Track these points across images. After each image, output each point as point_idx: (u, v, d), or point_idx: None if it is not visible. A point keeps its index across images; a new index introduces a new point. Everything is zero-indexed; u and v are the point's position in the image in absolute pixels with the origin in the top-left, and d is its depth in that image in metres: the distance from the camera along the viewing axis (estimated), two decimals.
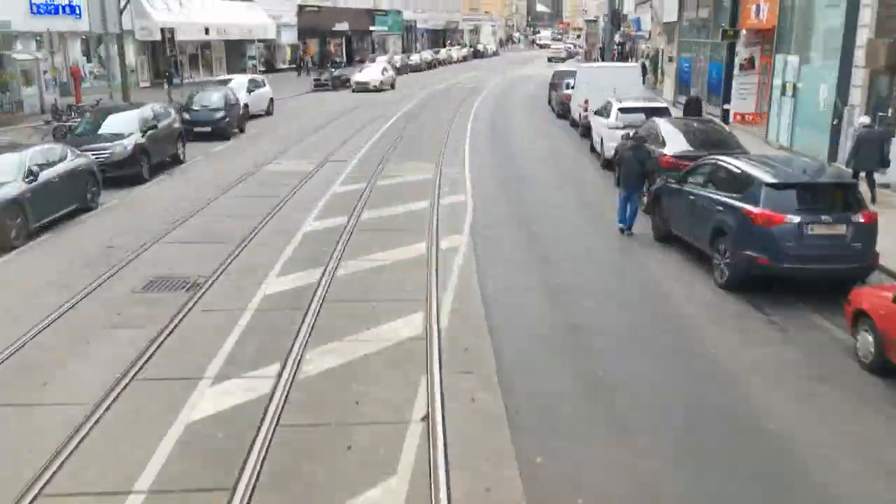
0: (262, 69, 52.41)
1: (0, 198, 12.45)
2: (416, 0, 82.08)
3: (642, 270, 11.78)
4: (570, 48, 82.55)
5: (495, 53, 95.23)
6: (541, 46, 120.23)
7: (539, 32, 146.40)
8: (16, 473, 6.21)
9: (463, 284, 10.79)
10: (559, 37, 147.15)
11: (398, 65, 57.46)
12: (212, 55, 48.37)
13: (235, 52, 51.04)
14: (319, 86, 43.46)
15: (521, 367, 8.28)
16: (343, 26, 62.71)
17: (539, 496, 6.02)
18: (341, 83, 44.80)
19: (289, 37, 57.12)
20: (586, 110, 24.96)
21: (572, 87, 28.60)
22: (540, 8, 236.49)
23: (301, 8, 57.55)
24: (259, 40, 52.35)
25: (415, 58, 63.52)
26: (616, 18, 35.37)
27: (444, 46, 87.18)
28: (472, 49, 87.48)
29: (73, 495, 6.00)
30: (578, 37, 65.30)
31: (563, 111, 30.34)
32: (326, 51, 62.28)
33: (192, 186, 17.64)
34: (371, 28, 68.43)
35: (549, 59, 76.60)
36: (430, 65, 66.14)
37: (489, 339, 8.94)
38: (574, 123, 27.90)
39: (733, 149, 14.84)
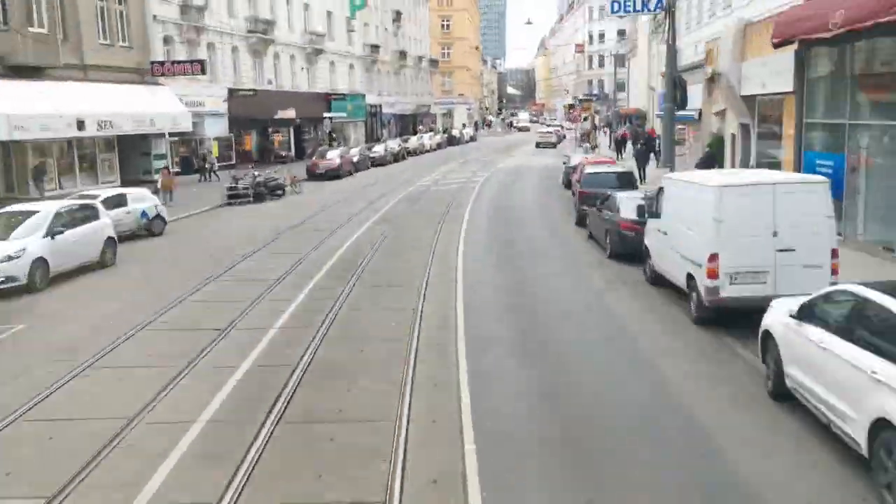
0: (177, 170, 38.82)
1: None
2: (380, 82, 69.83)
3: None
4: (558, 131, 70.45)
5: (472, 139, 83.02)
6: (519, 129, 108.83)
7: (516, 115, 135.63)
8: None
9: None
10: (536, 118, 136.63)
11: (355, 159, 44.19)
12: (96, 156, 34.64)
13: (135, 151, 37.50)
14: (235, 196, 29.69)
15: None
16: (288, 113, 49.66)
17: None
18: (269, 191, 31.17)
19: (216, 128, 43.76)
20: (714, 275, 11.32)
21: (652, 211, 14.88)
22: (510, 90, 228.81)
23: (231, 92, 44.43)
24: (171, 134, 38.85)
25: (378, 149, 50.40)
26: (679, 89, 22.44)
27: (416, 133, 74.78)
28: (446, 135, 75.01)
29: None
30: (586, 118, 53.06)
31: (623, 247, 16.77)
32: (266, 144, 48.97)
33: None
34: (326, 115, 55.59)
35: (538, 145, 64.05)
36: (398, 156, 53.04)
37: None
38: (656, 278, 14.30)
39: None
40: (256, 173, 31.00)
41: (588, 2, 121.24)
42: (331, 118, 57.31)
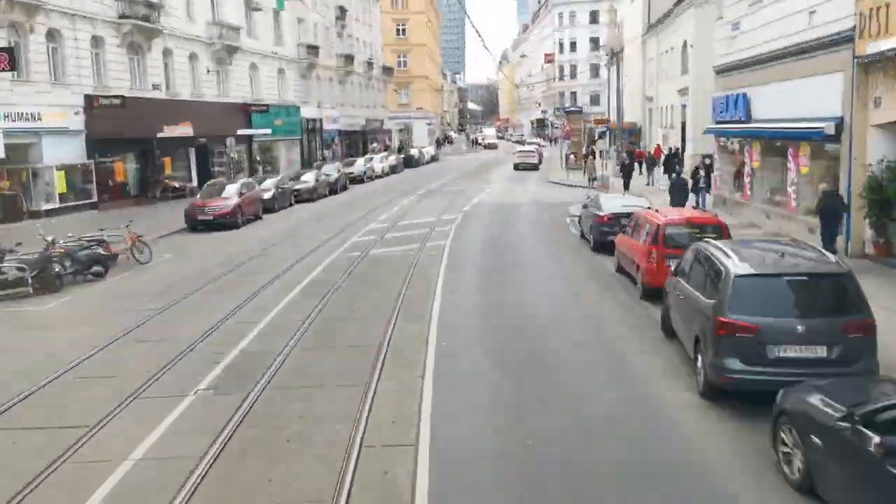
0: None
1: None
2: (321, 91, 56.07)
3: None
4: (538, 148, 57.21)
5: (434, 158, 69.62)
6: (486, 147, 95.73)
7: (481, 130, 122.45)
8: None
9: None
10: (502, 134, 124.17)
11: (268, 195, 30.32)
12: None
13: None
14: None
15: None
16: (184, 130, 35.74)
17: None
18: (82, 267, 17.21)
19: (64, 152, 29.67)
20: None
21: None
22: (471, 106, 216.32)
23: (91, 101, 30.43)
24: None
25: (308, 178, 36.39)
26: None
27: (366, 152, 61.26)
28: (402, 155, 61.33)
29: None
30: (602, 134, 39.84)
31: None
32: (151, 174, 34.81)
33: None
34: (241, 132, 41.63)
35: (517, 167, 50.85)
36: (335, 187, 39.21)
37: None
38: None
39: None
40: (50, 238, 16.90)
41: (557, 8, 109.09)
42: (251, 136, 43.52)
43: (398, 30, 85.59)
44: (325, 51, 56.31)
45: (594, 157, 37.58)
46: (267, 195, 30.08)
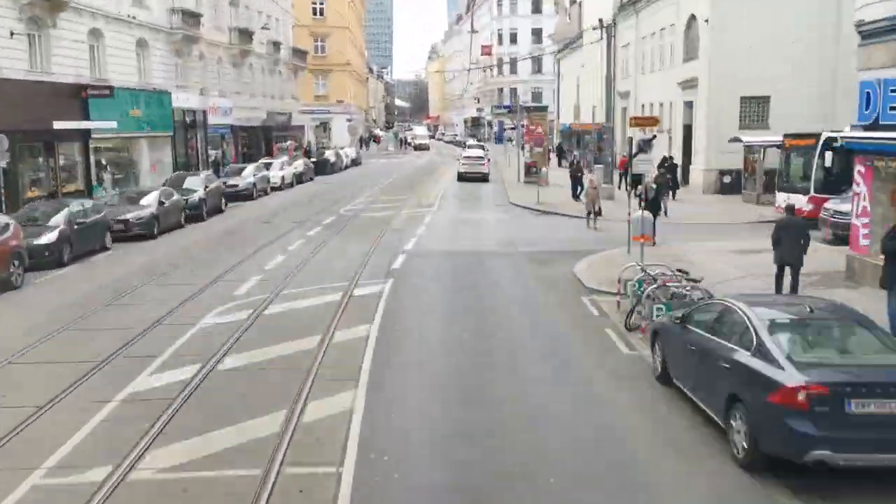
0: None
1: None
2: (205, 74, 42.37)
3: None
4: (486, 153, 44.92)
5: (355, 162, 56.82)
6: (416, 147, 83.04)
7: (412, 128, 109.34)
8: None
9: None
10: (433, 133, 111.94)
11: (51, 237, 17.03)
12: None
13: None
14: None
15: None
16: None
17: None
18: None
19: None
20: None
21: None
22: (399, 102, 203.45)
23: None
24: None
25: (148, 201, 23.03)
26: None
27: (270, 154, 48.22)
28: (312, 160, 48.06)
29: None
30: (648, 145, 27.78)
31: None
32: None
33: None
34: (61, 125, 27.78)
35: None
36: (202, 211, 25.93)
37: None
38: None
39: None
40: None
41: None
42: (87, 132, 29.79)
43: (315, 9, 72.04)
44: (212, 22, 42.69)
45: (585, 174, 25.40)
46: (46, 238, 16.80)
